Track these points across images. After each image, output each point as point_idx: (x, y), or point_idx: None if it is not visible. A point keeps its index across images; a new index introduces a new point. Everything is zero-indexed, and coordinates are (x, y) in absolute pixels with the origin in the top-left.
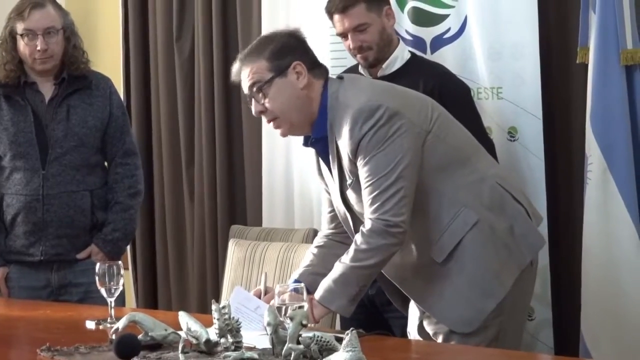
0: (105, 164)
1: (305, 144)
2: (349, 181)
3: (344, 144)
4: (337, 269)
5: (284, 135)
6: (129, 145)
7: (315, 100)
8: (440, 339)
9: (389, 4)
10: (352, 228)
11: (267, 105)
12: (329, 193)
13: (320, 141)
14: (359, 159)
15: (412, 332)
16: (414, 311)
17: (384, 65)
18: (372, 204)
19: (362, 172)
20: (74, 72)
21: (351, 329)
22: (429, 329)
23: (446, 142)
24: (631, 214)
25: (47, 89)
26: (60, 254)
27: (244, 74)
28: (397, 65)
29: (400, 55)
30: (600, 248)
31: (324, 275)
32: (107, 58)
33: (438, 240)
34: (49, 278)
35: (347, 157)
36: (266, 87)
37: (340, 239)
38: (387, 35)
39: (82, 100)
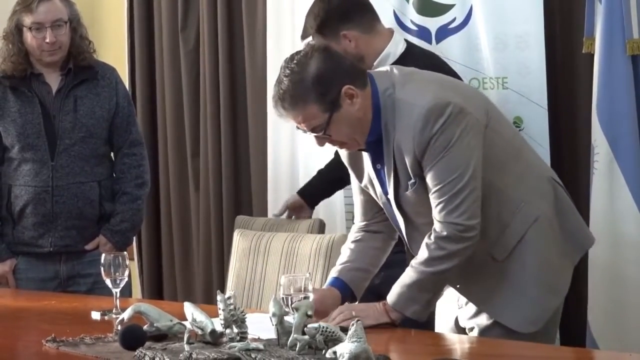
0: (112, 154)
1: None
2: (410, 182)
3: (411, 144)
4: (411, 274)
5: (354, 150)
6: (135, 135)
7: (369, 107)
8: (475, 333)
9: (347, 24)
10: (404, 232)
11: (334, 137)
12: (372, 188)
13: (373, 143)
14: (425, 160)
15: (446, 330)
16: (446, 308)
17: (374, 64)
18: (445, 207)
19: (431, 174)
20: (80, 63)
21: (356, 319)
22: (466, 324)
23: (502, 135)
24: (638, 204)
25: (53, 80)
26: (69, 245)
27: (294, 119)
28: (390, 61)
29: (393, 51)
30: (606, 238)
31: (364, 270)
32: (112, 48)
33: (499, 238)
34: (57, 269)
35: (414, 157)
36: (328, 129)
37: (376, 228)
38: (351, 56)
39: (89, 91)
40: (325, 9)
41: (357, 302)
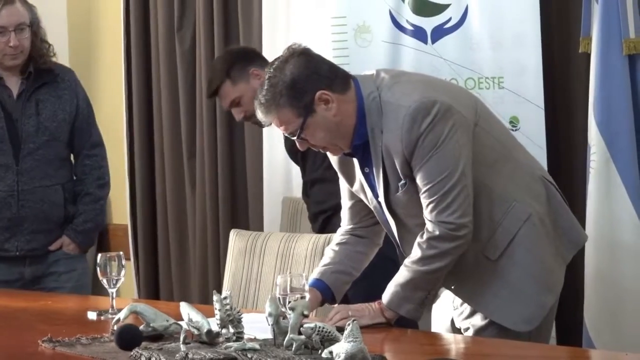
0: (71, 157)
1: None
2: (400, 183)
3: (399, 145)
4: (405, 273)
5: (337, 155)
6: (95, 137)
7: (352, 112)
8: (470, 333)
9: (254, 64)
10: (396, 235)
11: (311, 142)
12: (362, 193)
13: (359, 147)
14: (414, 160)
15: (443, 331)
16: (442, 310)
17: None
18: (436, 206)
19: (420, 174)
20: (41, 66)
21: (352, 319)
22: (461, 324)
23: (491, 135)
24: (634, 204)
25: (13, 83)
26: (35, 249)
27: (273, 122)
28: None
29: None
30: (603, 238)
31: (347, 274)
32: (109, 49)
33: (491, 237)
34: (21, 271)
35: (403, 158)
36: (302, 133)
37: (361, 233)
38: None
39: (50, 94)
40: (230, 54)
41: (337, 305)
